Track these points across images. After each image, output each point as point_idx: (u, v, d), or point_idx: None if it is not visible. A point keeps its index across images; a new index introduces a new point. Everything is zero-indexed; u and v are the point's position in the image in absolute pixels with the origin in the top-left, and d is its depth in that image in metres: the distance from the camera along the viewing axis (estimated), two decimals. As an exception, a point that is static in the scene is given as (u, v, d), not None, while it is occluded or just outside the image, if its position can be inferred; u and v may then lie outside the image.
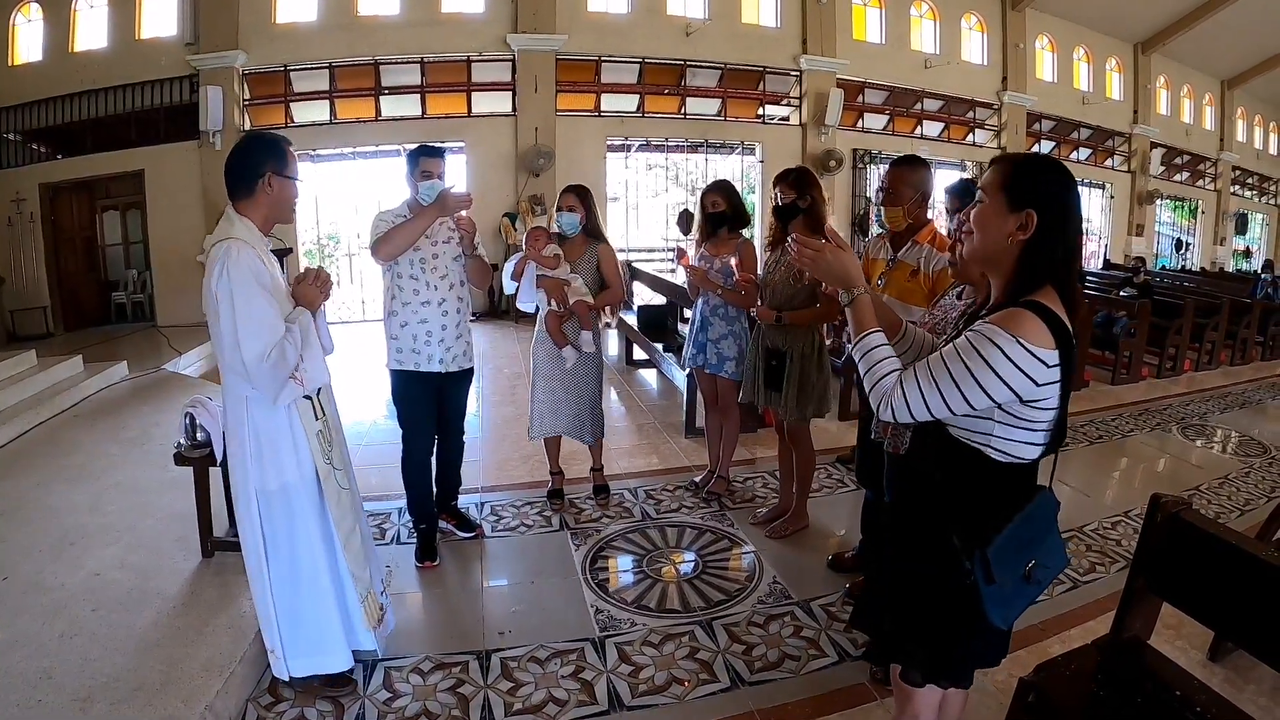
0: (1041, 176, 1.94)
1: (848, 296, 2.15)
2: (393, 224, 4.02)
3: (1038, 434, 1.93)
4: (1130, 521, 4.94)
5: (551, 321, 4.72)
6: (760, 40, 15.42)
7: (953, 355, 1.90)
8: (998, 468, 1.95)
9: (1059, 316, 1.85)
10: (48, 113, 13.26)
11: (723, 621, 3.69)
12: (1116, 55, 20.07)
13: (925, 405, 1.93)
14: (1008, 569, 1.91)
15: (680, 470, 5.73)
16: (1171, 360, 9.92)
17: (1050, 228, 1.90)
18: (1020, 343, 1.80)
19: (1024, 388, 1.83)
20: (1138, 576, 2.56)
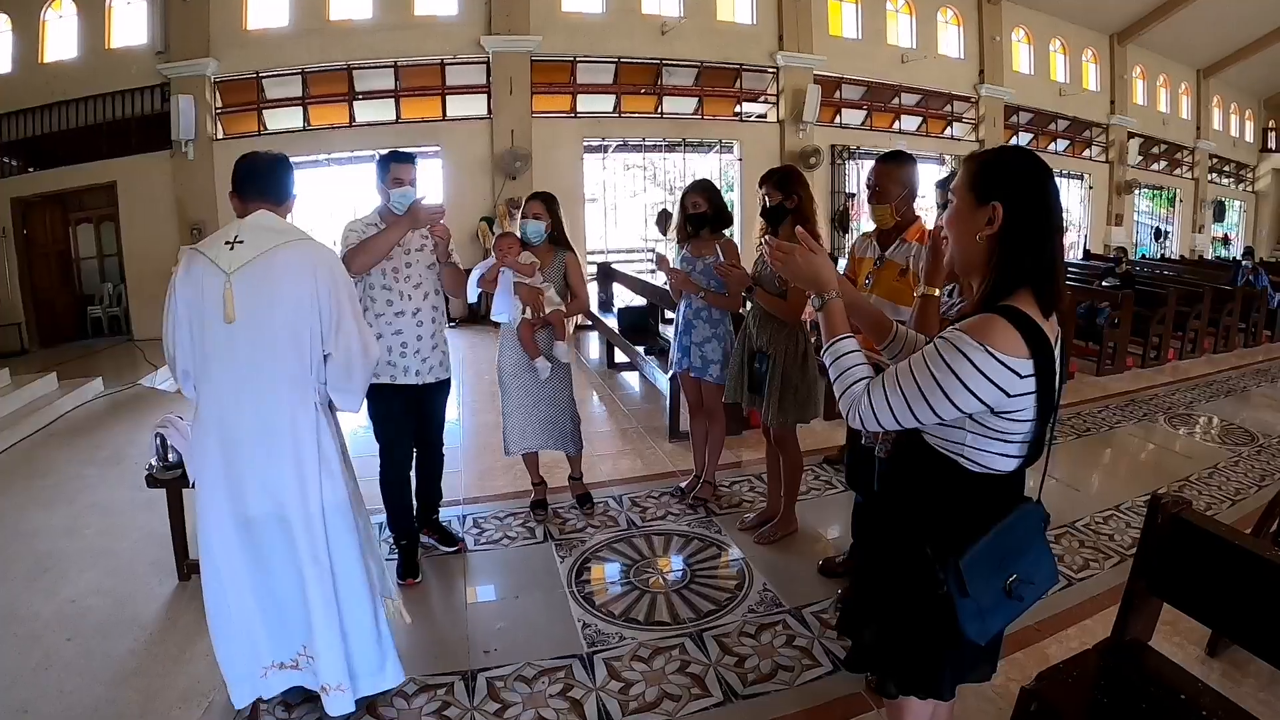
0: (1007, 166, 1.85)
1: (819, 300, 2.08)
2: (364, 234, 3.90)
3: (1012, 445, 1.85)
4: (1121, 515, 4.91)
5: (525, 331, 4.56)
6: (736, 37, 15.35)
7: (920, 364, 1.82)
8: (972, 478, 1.88)
9: (1035, 322, 1.76)
10: (18, 125, 13.08)
11: (713, 632, 3.60)
12: (1092, 46, 20.13)
13: (892, 415, 1.86)
14: (984, 582, 1.83)
15: (665, 476, 5.64)
16: (1155, 349, 9.93)
17: (1019, 220, 1.80)
18: (989, 351, 1.72)
19: (994, 399, 1.75)
20: (1139, 578, 2.50)
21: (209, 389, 2.76)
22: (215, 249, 2.71)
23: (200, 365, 2.75)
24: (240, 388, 2.73)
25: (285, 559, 2.83)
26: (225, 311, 2.65)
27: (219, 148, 13.11)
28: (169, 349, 2.78)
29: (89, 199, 13.68)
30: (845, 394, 1.94)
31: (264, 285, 2.70)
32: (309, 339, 2.79)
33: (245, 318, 2.67)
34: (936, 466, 1.92)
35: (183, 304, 2.70)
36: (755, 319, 4.37)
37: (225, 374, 2.73)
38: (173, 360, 2.80)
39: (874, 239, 3.84)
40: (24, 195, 13.15)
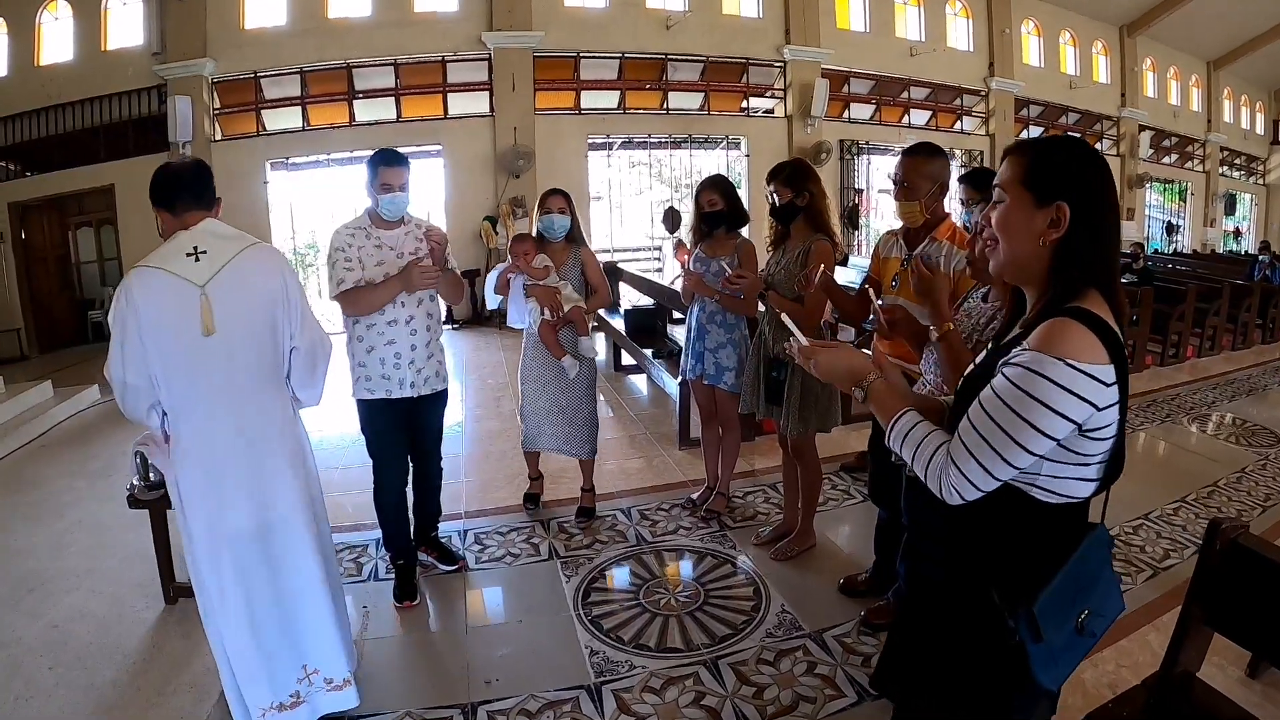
0: (1070, 160, 1.62)
1: (860, 392, 1.86)
2: (348, 253, 3.70)
3: (1091, 467, 1.60)
4: (1151, 524, 4.69)
5: (547, 332, 4.45)
6: (742, 31, 15.15)
7: (994, 404, 1.57)
8: (1045, 510, 1.63)
9: (1108, 324, 1.53)
10: (14, 129, 12.96)
11: (730, 660, 3.37)
12: (1102, 38, 19.87)
13: (987, 473, 1.58)
14: (1057, 624, 1.60)
15: (676, 486, 5.42)
16: (1174, 347, 9.69)
17: (1087, 220, 1.58)
18: (1070, 364, 1.48)
19: (1084, 415, 1.51)
20: (1193, 608, 2.29)
21: (184, 410, 2.67)
22: (177, 263, 2.62)
23: (173, 388, 2.63)
24: (221, 400, 2.68)
25: (281, 567, 2.83)
26: (203, 325, 2.58)
27: (217, 149, 12.95)
28: (126, 379, 2.62)
29: (88, 202, 13.56)
30: (928, 471, 1.68)
31: (240, 291, 2.67)
32: (284, 338, 2.83)
33: (223, 328, 2.63)
34: (1002, 501, 1.65)
35: (148, 326, 2.55)
36: (771, 323, 4.12)
37: (202, 390, 2.67)
38: (134, 391, 2.65)
39: (900, 237, 3.63)
40: (22, 200, 13.03)
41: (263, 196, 13.32)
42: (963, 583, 1.74)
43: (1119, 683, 3.04)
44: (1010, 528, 1.66)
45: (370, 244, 3.76)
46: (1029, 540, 1.65)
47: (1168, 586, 3.91)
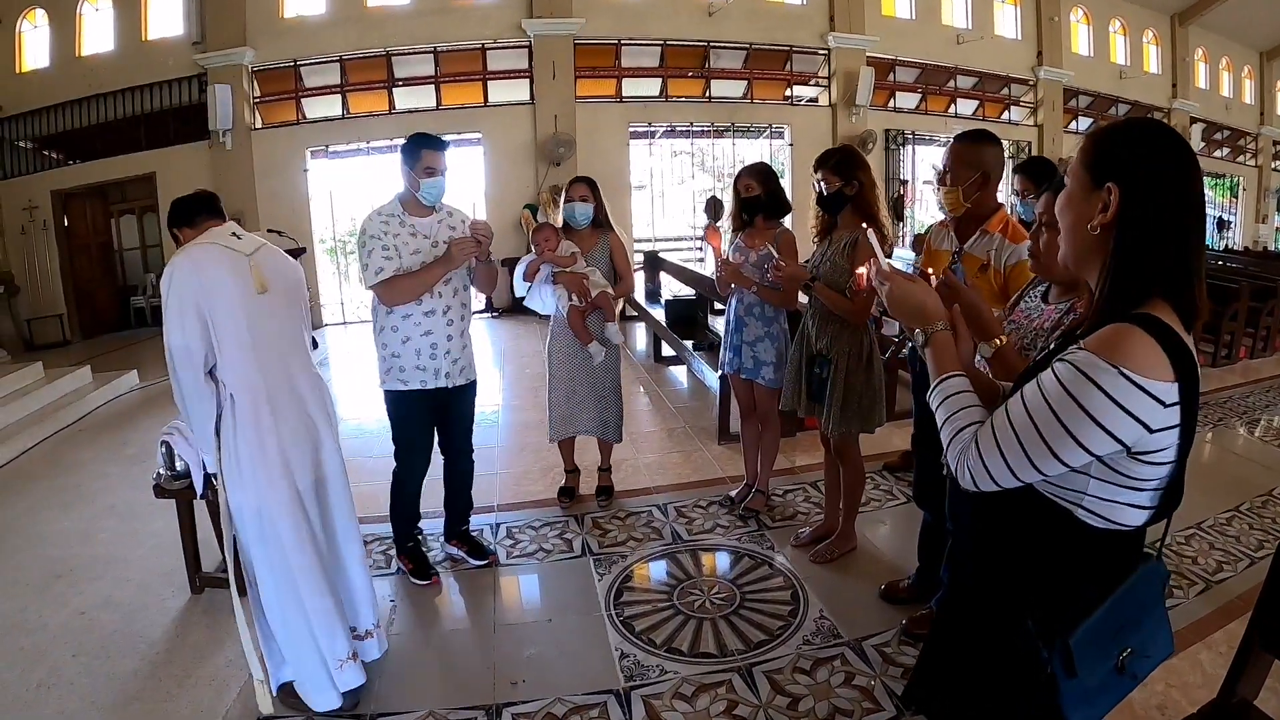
0: (1128, 140, 1.46)
1: (922, 336, 1.72)
2: (385, 241, 3.64)
3: (1144, 494, 1.45)
4: (1204, 535, 4.47)
5: (575, 318, 4.50)
6: (786, 18, 14.92)
7: (1036, 400, 1.43)
8: (1091, 534, 1.49)
9: (1178, 335, 1.37)
10: (57, 119, 13.18)
11: (764, 668, 3.24)
12: (1153, 27, 19.40)
13: (1009, 469, 1.46)
14: (1095, 660, 1.48)
15: (714, 483, 5.27)
16: (1226, 348, 9.37)
17: (1142, 205, 1.41)
18: (1125, 374, 1.33)
19: (1133, 436, 1.36)
20: (1254, 635, 2.13)
21: (242, 372, 2.82)
22: (225, 239, 2.88)
23: (230, 350, 2.79)
24: (274, 356, 2.92)
25: (331, 522, 3.12)
26: (257, 283, 2.85)
27: (257, 137, 13.06)
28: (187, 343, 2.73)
29: (130, 190, 13.74)
30: (951, 444, 1.56)
31: (276, 265, 3.00)
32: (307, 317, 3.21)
33: (271, 289, 2.91)
34: (1045, 518, 1.52)
35: (210, 286, 2.74)
36: (814, 318, 3.98)
37: (261, 345, 2.86)
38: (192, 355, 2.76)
39: (951, 228, 3.48)
40: (65, 188, 13.24)
41: (303, 184, 13.37)
42: (998, 602, 1.61)
43: (1168, 704, 2.90)
44: (1052, 550, 1.53)
45: (405, 232, 3.70)
46: (1072, 566, 1.52)
47: (1220, 601, 3.72)
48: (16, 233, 13.08)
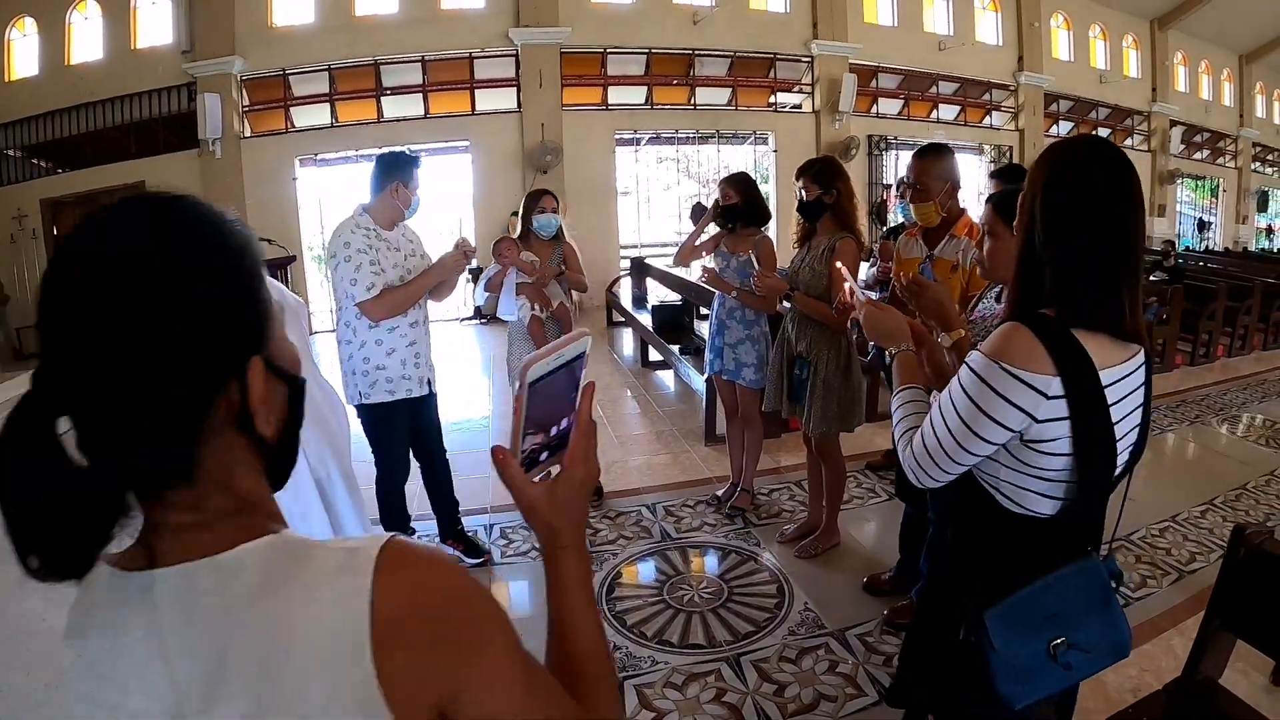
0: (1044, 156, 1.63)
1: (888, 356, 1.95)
2: (372, 255, 3.68)
3: (1048, 484, 1.59)
4: (1178, 527, 4.63)
5: (535, 327, 4.65)
6: (769, 26, 15.08)
7: (945, 401, 1.61)
8: (1010, 519, 1.64)
9: (1068, 334, 1.51)
10: (46, 127, 13.16)
11: (751, 657, 3.37)
12: (1133, 32, 19.61)
13: (935, 464, 1.64)
14: (1014, 638, 1.58)
15: (701, 483, 5.40)
16: (1205, 347, 9.54)
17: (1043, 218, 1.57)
18: (1004, 368, 1.49)
19: (1020, 423, 1.51)
20: (1215, 614, 2.26)
21: None
22: None
23: None
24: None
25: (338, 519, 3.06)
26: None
27: (247, 146, 13.11)
28: None
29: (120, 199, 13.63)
30: (899, 446, 1.76)
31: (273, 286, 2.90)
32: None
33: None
34: (975, 499, 1.70)
35: None
36: (794, 322, 4.13)
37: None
38: None
39: (919, 235, 3.63)
40: (54, 196, 13.20)
41: (292, 193, 13.41)
42: (946, 582, 1.78)
43: (1142, 688, 3.01)
44: (982, 531, 1.70)
45: (383, 245, 3.76)
46: (998, 547, 1.68)
47: (1193, 590, 3.87)
48: (6, 241, 13.05)
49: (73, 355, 0.71)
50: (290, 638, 0.70)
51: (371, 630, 0.69)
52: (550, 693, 0.84)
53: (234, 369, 0.77)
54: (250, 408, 0.78)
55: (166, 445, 0.72)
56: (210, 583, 0.73)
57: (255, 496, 0.82)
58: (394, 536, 0.76)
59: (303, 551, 0.76)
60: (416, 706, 0.71)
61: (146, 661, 0.73)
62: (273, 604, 0.71)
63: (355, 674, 0.69)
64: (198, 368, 0.74)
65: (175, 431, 0.73)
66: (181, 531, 0.75)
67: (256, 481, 0.83)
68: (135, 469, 0.73)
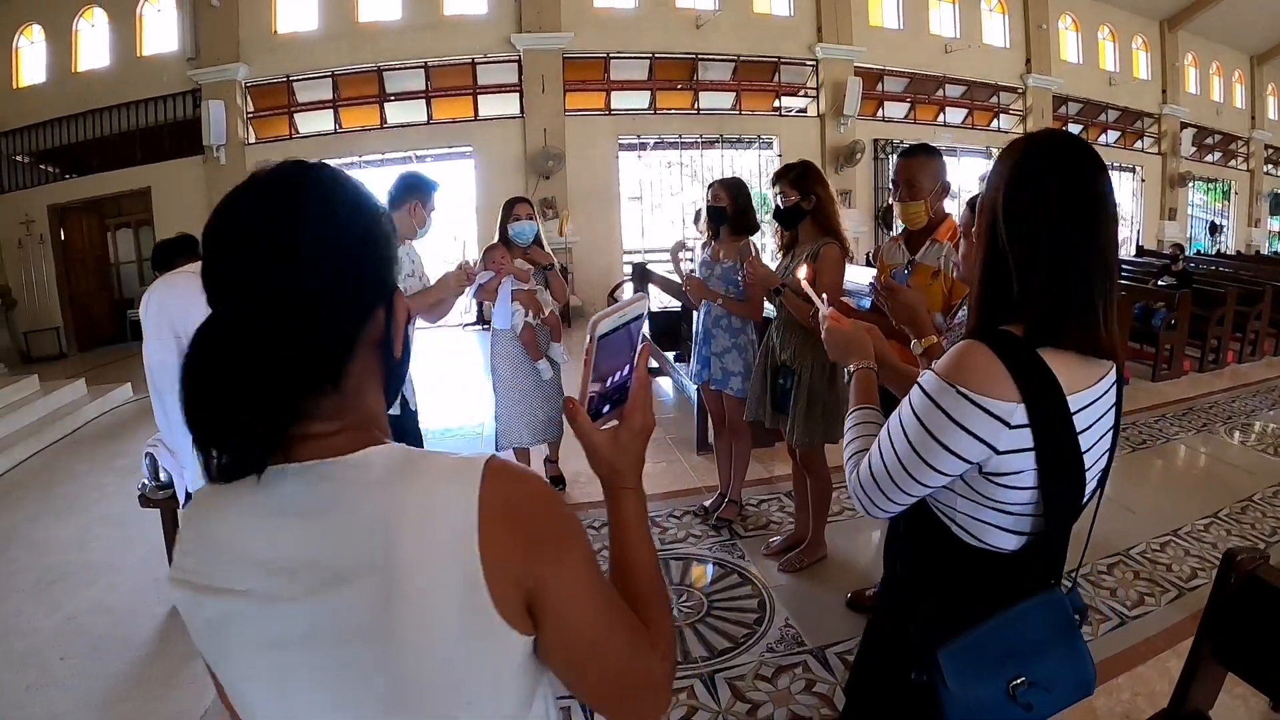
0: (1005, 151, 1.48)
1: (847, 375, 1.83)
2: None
3: (1009, 518, 1.44)
4: (1180, 541, 4.52)
5: (528, 334, 4.79)
6: (773, 29, 15.02)
7: (895, 424, 1.45)
8: (968, 552, 1.48)
9: (1033, 354, 1.35)
10: (54, 134, 13.30)
11: (726, 674, 3.31)
12: (1142, 33, 19.45)
13: (884, 494, 1.48)
14: (973, 679, 1.44)
15: (690, 492, 5.33)
16: (1214, 353, 9.41)
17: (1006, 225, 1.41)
18: (959, 391, 1.33)
19: (979, 454, 1.35)
20: (1204, 642, 2.17)
21: None
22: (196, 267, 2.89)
23: None
24: None
25: None
26: None
27: (251, 152, 13.14)
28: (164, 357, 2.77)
29: (126, 204, 13.82)
30: (848, 472, 1.60)
31: None
32: None
33: None
34: (929, 530, 1.54)
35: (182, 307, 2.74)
36: (779, 329, 4.06)
37: None
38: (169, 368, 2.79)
39: (901, 242, 3.57)
40: (61, 202, 13.33)
41: (295, 199, 13.32)
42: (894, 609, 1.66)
43: (1133, 713, 2.96)
44: (936, 562, 1.55)
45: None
46: (954, 581, 1.53)
47: (1192, 608, 3.72)
48: (13, 246, 13.18)
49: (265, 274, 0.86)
50: (411, 520, 0.83)
51: (479, 522, 0.82)
52: (617, 605, 0.96)
53: (382, 299, 0.96)
54: (391, 332, 0.97)
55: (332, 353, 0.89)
56: (339, 473, 0.86)
57: (377, 412, 0.99)
58: (494, 455, 0.88)
59: (420, 457, 0.89)
60: (508, 590, 0.84)
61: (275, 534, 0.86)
62: (397, 492, 0.85)
63: (464, 555, 0.82)
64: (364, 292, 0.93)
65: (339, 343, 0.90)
66: (315, 439, 0.88)
67: (378, 401, 1.00)
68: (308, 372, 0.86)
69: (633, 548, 1.07)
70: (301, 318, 0.86)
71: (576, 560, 0.90)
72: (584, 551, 0.92)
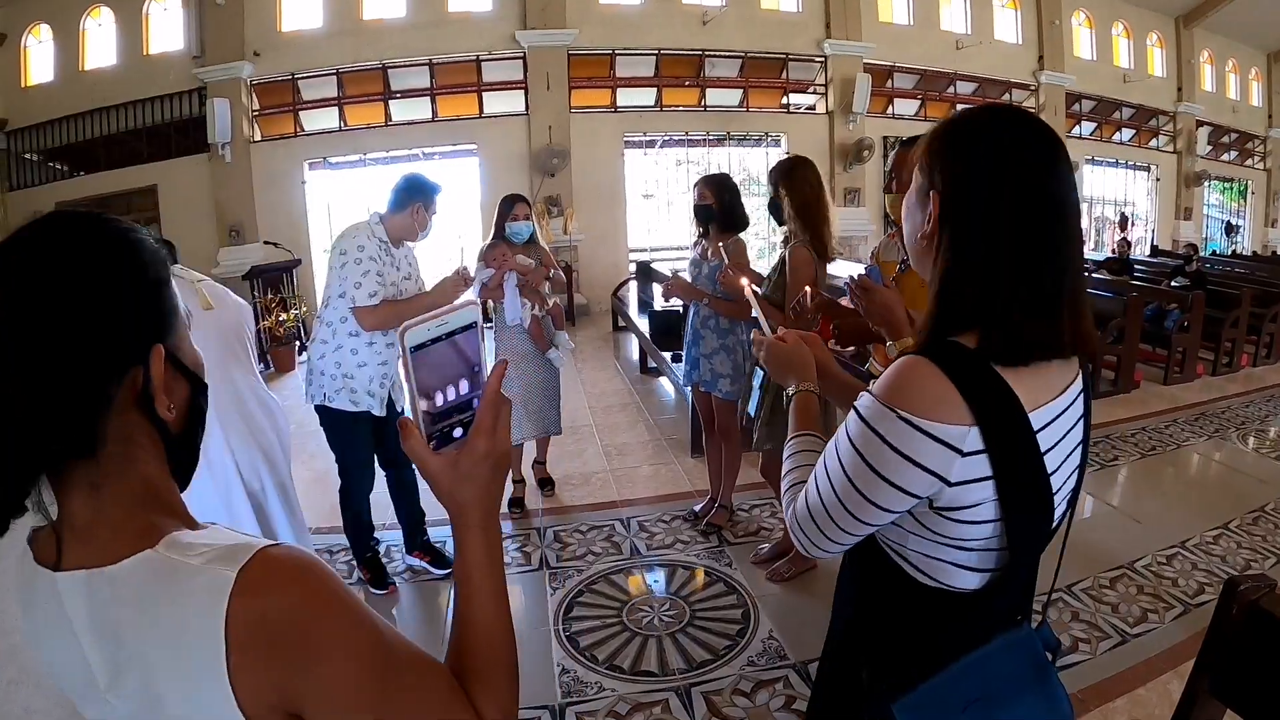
0: (953, 134, 1.26)
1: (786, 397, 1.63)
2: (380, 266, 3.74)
3: (968, 554, 1.26)
4: (1188, 554, 4.35)
5: (535, 327, 4.78)
6: (781, 25, 14.83)
7: (832, 456, 1.27)
8: (923, 592, 1.30)
9: (987, 368, 1.17)
10: (62, 132, 13.37)
11: (704, 688, 3.20)
12: (1157, 30, 19.13)
13: (821, 533, 1.31)
14: None
15: (681, 496, 5.22)
16: (1228, 356, 9.19)
17: (956, 215, 1.22)
18: (901, 416, 1.15)
19: (927, 488, 1.17)
20: (1202, 676, 2.02)
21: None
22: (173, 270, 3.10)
23: None
24: (218, 372, 2.97)
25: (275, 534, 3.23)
26: (202, 301, 3.05)
27: (256, 150, 13.13)
28: None
29: (134, 202, 13.72)
30: (784, 510, 1.42)
31: (216, 292, 3.22)
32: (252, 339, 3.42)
33: (215, 308, 3.13)
34: (879, 570, 1.37)
35: None
36: None
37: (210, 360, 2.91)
38: None
39: (899, 239, 3.45)
40: (69, 199, 13.26)
41: (301, 196, 13.41)
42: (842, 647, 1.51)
43: (1133, 738, 2.84)
44: (888, 603, 1.37)
45: (390, 262, 3.82)
46: (908, 623, 1.34)
47: (1198, 627, 3.55)
48: (22, 245, 13.18)
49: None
50: (163, 644, 0.80)
51: (226, 642, 0.77)
52: (405, 688, 0.86)
53: (136, 356, 0.87)
54: (151, 390, 0.88)
55: (70, 415, 0.83)
56: (103, 593, 0.83)
57: (157, 485, 0.91)
58: (263, 548, 0.82)
59: (175, 568, 0.82)
60: (265, 710, 0.79)
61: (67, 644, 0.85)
62: (150, 615, 0.80)
63: (213, 679, 0.77)
64: (107, 345, 0.85)
65: (79, 403, 0.83)
66: (84, 529, 0.85)
67: (159, 470, 0.92)
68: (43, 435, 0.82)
69: (471, 600, 0.96)
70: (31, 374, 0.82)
71: (338, 663, 0.82)
72: (351, 648, 0.83)
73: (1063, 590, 3.90)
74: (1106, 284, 9.97)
